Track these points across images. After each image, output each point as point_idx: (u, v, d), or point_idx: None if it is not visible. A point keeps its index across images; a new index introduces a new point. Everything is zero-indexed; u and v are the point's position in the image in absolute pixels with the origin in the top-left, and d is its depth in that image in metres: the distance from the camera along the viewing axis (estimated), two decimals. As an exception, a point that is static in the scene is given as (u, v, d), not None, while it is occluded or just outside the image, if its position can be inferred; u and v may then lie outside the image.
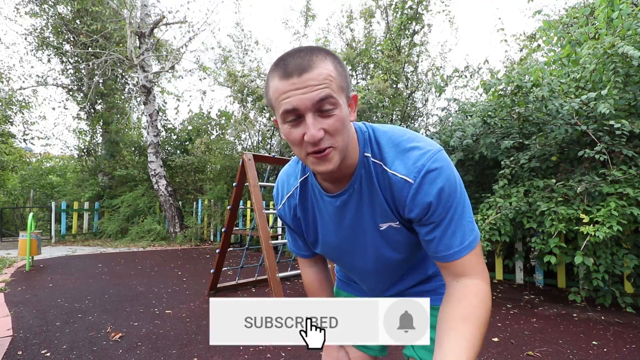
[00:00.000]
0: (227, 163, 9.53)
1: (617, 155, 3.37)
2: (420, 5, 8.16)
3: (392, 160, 0.74)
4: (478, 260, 0.75)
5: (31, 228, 5.01)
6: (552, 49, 5.06)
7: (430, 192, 0.70)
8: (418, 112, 9.44)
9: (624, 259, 3.30)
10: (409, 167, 0.72)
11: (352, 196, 0.79)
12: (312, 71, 0.63)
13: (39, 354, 2.32)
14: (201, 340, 2.61)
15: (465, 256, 0.73)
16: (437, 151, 0.72)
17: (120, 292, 3.90)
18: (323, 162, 0.68)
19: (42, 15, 9.62)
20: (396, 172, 0.73)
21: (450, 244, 0.73)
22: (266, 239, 2.96)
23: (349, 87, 0.71)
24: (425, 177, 0.70)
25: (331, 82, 0.64)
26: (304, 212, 0.89)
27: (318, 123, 0.64)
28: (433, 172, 0.70)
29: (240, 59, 11.30)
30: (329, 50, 0.69)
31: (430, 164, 0.70)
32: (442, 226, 0.72)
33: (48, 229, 9.75)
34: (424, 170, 0.70)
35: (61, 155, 13.57)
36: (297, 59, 0.64)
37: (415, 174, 0.71)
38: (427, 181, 0.70)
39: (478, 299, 0.70)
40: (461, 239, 0.73)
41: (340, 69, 0.68)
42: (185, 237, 8.47)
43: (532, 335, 2.77)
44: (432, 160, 0.70)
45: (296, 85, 0.63)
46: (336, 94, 0.65)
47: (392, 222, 0.79)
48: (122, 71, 10.79)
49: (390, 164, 0.74)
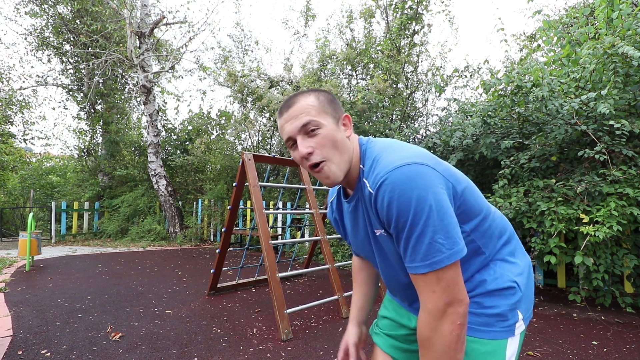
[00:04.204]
0: (227, 163, 9.53)
1: (617, 155, 3.37)
2: (420, 5, 8.16)
3: (367, 172, 0.82)
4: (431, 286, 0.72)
5: (31, 228, 5.02)
6: (552, 49, 5.06)
7: (382, 204, 0.75)
8: (418, 112, 9.43)
9: (624, 259, 3.30)
10: (372, 179, 0.78)
11: (358, 202, 0.88)
12: (294, 105, 0.82)
13: (39, 354, 2.32)
14: (201, 340, 2.61)
15: (418, 276, 0.74)
16: (400, 166, 0.73)
17: (120, 292, 3.90)
18: (321, 176, 0.83)
19: (42, 15, 9.62)
20: (368, 183, 0.80)
21: (411, 257, 0.74)
22: (266, 239, 2.96)
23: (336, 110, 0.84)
24: (379, 189, 0.75)
25: (311, 109, 0.81)
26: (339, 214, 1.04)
27: (306, 142, 0.81)
28: (385, 185, 0.73)
29: (240, 59, 11.31)
30: (315, 89, 0.85)
31: (386, 176, 0.73)
32: (402, 239, 0.74)
33: (48, 229, 9.75)
34: (379, 183, 0.75)
35: (61, 155, 13.58)
36: (287, 101, 0.84)
37: (374, 186, 0.76)
38: (380, 193, 0.75)
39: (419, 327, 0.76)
40: (420, 256, 0.72)
41: (322, 98, 0.83)
42: (185, 237, 8.48)
43: (532, 335, 2.77)
44: (390, 174, 0.73)
45: (286, 118, 0.83)
46: (317, 117, 0.80)
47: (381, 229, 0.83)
48: (122, 71, 10.79)
49: (366, 176, 0.82)
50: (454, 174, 0.81)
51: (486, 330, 0.81)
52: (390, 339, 1.06)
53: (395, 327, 1.06)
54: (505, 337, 0.82)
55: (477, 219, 0.83)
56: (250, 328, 2.88)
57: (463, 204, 0.80)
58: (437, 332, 0.72)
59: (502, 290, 0.83)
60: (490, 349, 0.81)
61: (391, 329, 1.07)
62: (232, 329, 2.86)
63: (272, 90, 9.01)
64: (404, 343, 1.04)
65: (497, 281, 0.84)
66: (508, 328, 0.83)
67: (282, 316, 2.71)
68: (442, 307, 0.72)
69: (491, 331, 0.81)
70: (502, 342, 0.82)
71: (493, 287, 0.83)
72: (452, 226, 0.73)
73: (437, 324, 0.72)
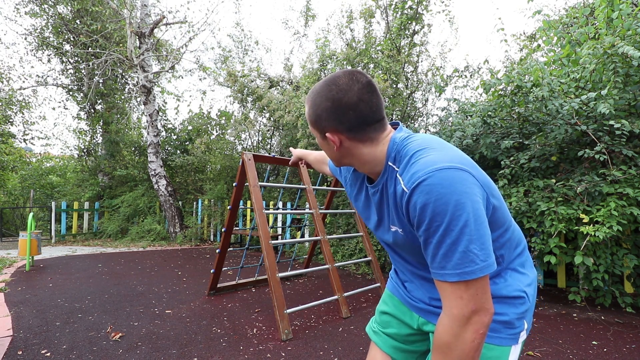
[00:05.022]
0: (227, 163, 9.54)
1: (617, 155, 3.37)
2: (420, 5, 8.16)
3: (402, 170, 0.79)
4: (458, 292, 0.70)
5: (31, 228, 5.01)
6: (552, 49, 5.06)
7: (416, 204, 0.72)
8: (418, 112, 9.43)
9: (624, 259, 3.30)
10: (409, 177, 0.75)
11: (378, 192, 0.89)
12: None
13: (39, 354, 2.32)
14: (201, 340, 2.61)
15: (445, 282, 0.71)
16: (441, 169, 0.70)
17: (120, 292, 3.90)
18: None
19: (42, 15, 9.62)
20: (402, 181, 0.77)
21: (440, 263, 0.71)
22: (266, 239, 2.96)
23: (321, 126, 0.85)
24: (416, 189, 0.72)
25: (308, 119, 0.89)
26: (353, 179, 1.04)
27: None
28: (423, 186, 0.70)
29: (240, 59, 11.31)
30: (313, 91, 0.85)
31: (425, 177, 0.70)
32: (431, 244, 0.72)
33: (48, 229, 9.75)
34: (416, 182, 0.71)
35: (61, 155, 13.57)
36: None
37: (410, 185, 0.73)
38: (415, 193, 0.72)
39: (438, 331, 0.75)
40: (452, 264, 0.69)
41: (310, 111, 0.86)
42: (185, 237, 8.48)
43: (532, 335, 2.77)
44: (429, 175, 0.70)
45: None
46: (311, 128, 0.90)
47: (398, 227, 0.84)
48: (122, 71, 10.79)
49: (401, 173, 0.79)
50: (489, 183, 0.79)
51: (493, 335, 0.82)
52: (390, 339, 1.05)
53: (396, 324, 1.06)
54: (509, 345, 0.83)
55: (500, 230, 0.83)
56: (250, 328, 2.88)
57: (492, 215, 0.79)
58: (459, 339, 0.71)
59: (512, 298, 0.84)
60: (495, 355, 0.82)
61: (391, 327, 1.06)
62: (232, 329, 2.86)
63: (272, 90, 9.01)
64: (404, 344, 1.04)
65: (507, 289, 0.85)
66: (513, 336, 0.84)
67: (282, 316, 2.71)
68: (467, 315, 0.70)
69: (498, 337, 0.82)
70: (507, 349, 0.83)
71: (504, 293, 0.84)
72: (487, 237, 0.71)
73: (460, 330, 0.70)
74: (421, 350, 1.05)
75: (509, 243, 0.87)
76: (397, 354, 1.04)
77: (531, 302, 0.88)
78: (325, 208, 4.53)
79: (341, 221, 6.75)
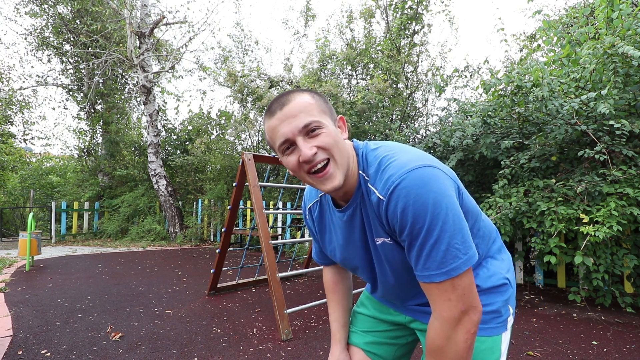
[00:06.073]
0: (227, 163, 9.53)
1: (617, 155, 3.37)
2: (420, 5, 8.16)
3: (374, 178, 0.76)
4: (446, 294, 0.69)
5: (31, 228, 5.01)
6: (552, 49, 5.06)
7: (395, 210, 0.70)
8: (418, 112, 9.43)
9: (624, 259, 3.30)
10: (382, 184, 0.73)
11: (355, 211, 0.82)
12: (290, 103, 0.73)
13: (39, 354, 2.32)
14: (201, 340, 2.61)
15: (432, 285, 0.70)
16: (412, 169, 0.69)
17: (120, 292, 3.90)
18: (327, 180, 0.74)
19: (42, 15, 9.62)
20: (376, 189, 0.75)
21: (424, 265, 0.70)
22: (266, 239, 2.96)
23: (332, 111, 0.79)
24: (392, 194, 0.70)
25: (310, 108, 0.74)
26: (320, 225, 0.96)
27: (308, 143, 0.72)
28: (399, 190, 0.69)
29: (240, 59, 11.31)
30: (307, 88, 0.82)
31: (399, 180, 0.69)
32: (415, 246, 0.70)
33: (48, 229, 9.75)
34: (392, 187, 0.70)
35: (61, 155, 13.57)
36: (278, 99, 0.76)
37: (385, 191, 0.72)
38: (393, 198, 0.70)
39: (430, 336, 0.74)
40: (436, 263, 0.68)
41: (317, 98, 0.77)
42: (185, 237, 8.48)
43: (532, 335, 2.77)
44: (402, 178, 0.69)
45: (281, 118, 0.73)
46: (318, 116, 0.74)
47: (385, 237, 0.79)
48: (122, 71, 10.79)
49: (372, 182, 0.76)
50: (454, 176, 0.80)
51: (484, 327, 0.82)
52: (368, 335, 1.04)
53: (374, 323, 1.05)
54: (500, 333, 0.84)
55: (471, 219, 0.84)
56: (250, 328, 2.88)
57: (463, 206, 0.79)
58: (451, 341, 0.71)
59: (497, 287, 0.86)
60: (488, 346, 0.82)
61: (370, 326, 1.05)
62: (232, 329, 2.86)
63: (272, 90, 9.01)
64: (384, 339, 1.03)
65: (491, 279, 0.86)
66: (502, 323, 0.85)
67: (282, 316, 2.71)
68: (457, 316, 0.70)
69: (488, 328, 0.83)
70: (498, 338, 0.84)
71: (489, 284, 0.85)
72: (466, 229, 0.71)
73: (451, 332, 0.70)
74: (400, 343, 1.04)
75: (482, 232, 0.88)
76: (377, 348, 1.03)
77: (513, 286, 0.90)
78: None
79: (341, 221, 6.73)
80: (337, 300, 1.08)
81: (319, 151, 0.73)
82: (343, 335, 1.05)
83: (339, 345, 1.04)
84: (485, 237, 0.90)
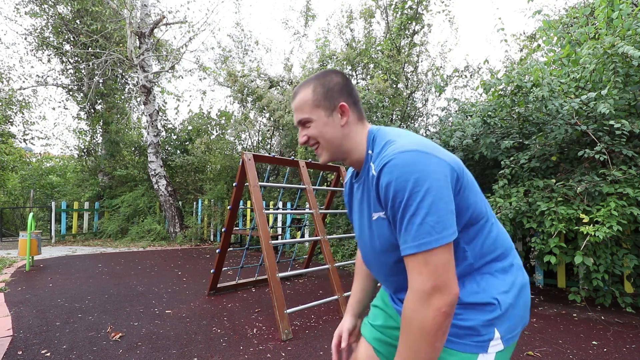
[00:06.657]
0: (227, 163, 9.54)
1: (617, 155, 3.37)
2: (420, 5, 8.16)
3: (375, 157, 0.86)
4: (418, 267, 0.72)
5: (31, 228, 5.01)
6: (552, 49, 5.06)
7: (382, 184, 0.79)
8: (418, 112, 9.44)
9: (624, 259, 3.30)
10: (378, 162, 0.82)
11: (361, 184, 0.94)
12: (296, 99, 0.95)
13: (39, 354, 2.32)
14: (201, 340, 2.61)
15: (409, 256, 0.74)
16: (404, 151, 0.76)
17: (120, 292, 3.90)
18: (319, 156, 0.97)
19: (42, 15, 9.62)
20: (373, 166, 0.85)
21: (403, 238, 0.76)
22: (266, 239, 2.96)
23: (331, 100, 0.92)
24: (382, 170, 0.79)
25: (305, 105, 0.92)
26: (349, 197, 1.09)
27: (302, 132, 0.96)
28: (387, 167, 0.77)
29: (240, 59, 11.31)
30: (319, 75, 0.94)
31: (390, 159, 0.78)
32: (397, 220, 0.77)
33: (48, 229, 9.75)
34: (382, 165, 0.79)
35: (61, 155, 13.57)
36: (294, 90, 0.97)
37: (377, 168, 0.81)
38: (382, 174, 0.79)
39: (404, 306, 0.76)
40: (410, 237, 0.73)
41: (319, 90, 0.92)
42: (185, 237, 8.48)
43: (532, 335, 2.77)
44: (392, 157, 0.77)
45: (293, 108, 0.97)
46: (309, 113, 0.92)
47: (380, 212, 0.85)
48: (122, 71, 10.79)
49: (373, 160, 0.87)
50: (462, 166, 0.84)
51: (454, 340, 0.80)
52: (376, 331, 1.06)
53: (383, 317, 1.06)
54: (474, 352, 0.79)
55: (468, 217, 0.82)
56: (250, 328, 2.88)
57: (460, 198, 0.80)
58: (419, 314, 0.71)
59: (480, 305, 0.80)
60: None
61: (378, 319, 1.07)
62: (232, 329, 2.86)
63: (272, 90, 9.01)
64: (390, 338, 1.03)
65: (477, 295, 0.81)
66: (479, 344, 0.79)
67: (282, 316, 2.71)
68: (428, 290, 0.71)
69: (459, 343, 0.79)
70: (471, 356, 0.79)
71: (471, 300, 0.81)
72: (446, 212, 0.73)
73: (419, 305, 0.71)
74: None
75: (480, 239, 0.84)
76: (382, 346, 1.03)
77: (505, 309, 0.81)
78: (325, 208, 4.53)
79: (341, 221, 6.75)
80: (359, 278, 1.19)
81: (310, 139, 0.94)
82: (353, 306, 1.16)
83: (347, 316, 1.15)
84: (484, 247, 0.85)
